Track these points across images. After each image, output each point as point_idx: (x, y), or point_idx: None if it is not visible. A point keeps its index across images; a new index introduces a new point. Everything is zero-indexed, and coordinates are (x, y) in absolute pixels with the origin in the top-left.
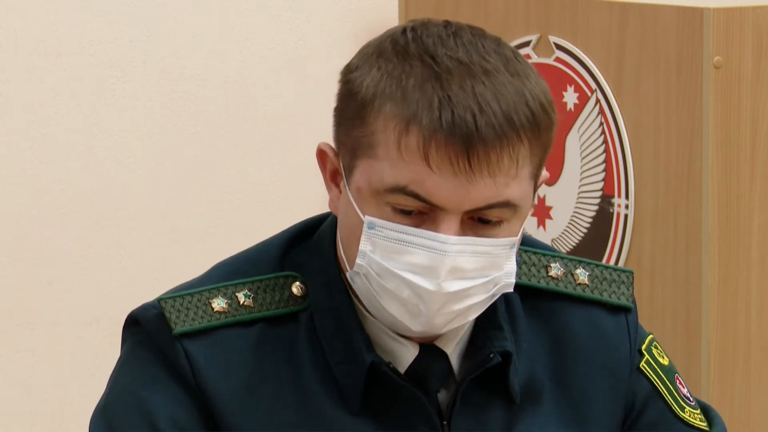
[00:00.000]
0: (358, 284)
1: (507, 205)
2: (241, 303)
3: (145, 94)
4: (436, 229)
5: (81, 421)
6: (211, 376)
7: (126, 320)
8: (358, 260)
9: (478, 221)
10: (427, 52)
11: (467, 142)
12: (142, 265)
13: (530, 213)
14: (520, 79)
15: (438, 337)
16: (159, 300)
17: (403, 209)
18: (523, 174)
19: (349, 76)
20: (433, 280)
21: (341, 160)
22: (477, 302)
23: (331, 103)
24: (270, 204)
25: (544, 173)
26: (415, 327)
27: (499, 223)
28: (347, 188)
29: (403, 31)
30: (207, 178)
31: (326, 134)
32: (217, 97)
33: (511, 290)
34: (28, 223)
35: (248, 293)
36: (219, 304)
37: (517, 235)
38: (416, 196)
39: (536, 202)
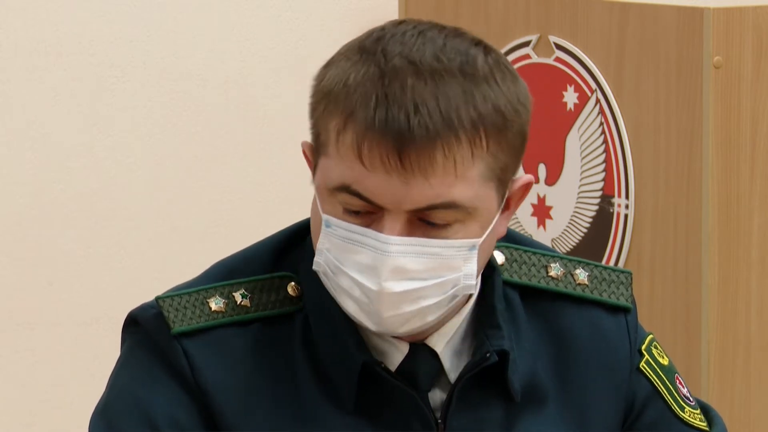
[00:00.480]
0: (323, 282)
1: (452, 206)
2: (239, 303)
3: (145, 94)
4: (380, 229)
5: (81, 421)
6: (209, 376)
7: (125, 320)
8: (316, 258)
9: (426, 221)
10: (383, 50)
11: (399, 141)
12: (142, 265)
13: (502, 216)
14: (475, 82)
15: (427, 335)
16: (157, 299)
17: (351, 208)
18: (470, 175)
19: (318, 74)
20: (375, 279)
21: (313, 157)
22: (432, 304)
23: None
24: (270, 204)
25: (525, 177)
26: (372, 326)
27: (448, 224)
28: (313, 185)
29: (375, 29)
30: (207, 178)
31: None
32: (217, 97)
33: (472, 292)
34: (28, 223)
35: (245, 293)
36: (216, 303)
37: (479, 237)
38: (359, 195)
39: (510, 205)
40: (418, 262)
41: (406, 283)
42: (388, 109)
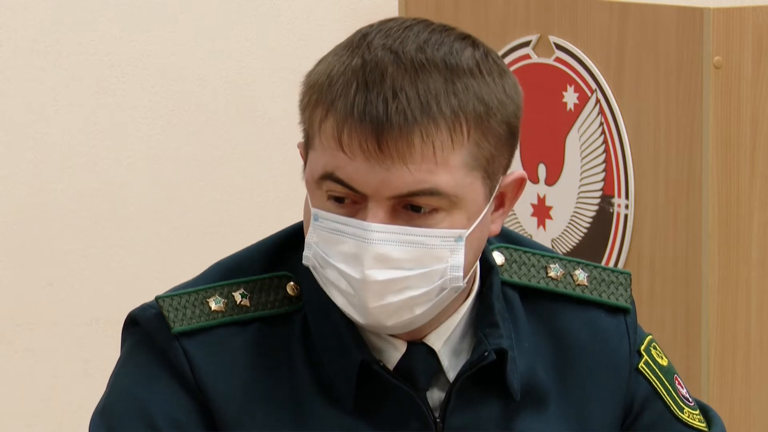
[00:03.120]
0: (315, 277)
1: (434, 193)
2: (238, 303)
3: (145, 94)
4: (363, 217)
5: (81, 421)
6: (209, 375)
7: (125, 320)
8: (305, 252)
9: (410, 210)
10: (369, 44)
11: (376, 127)
12: (142, 265)
13: (495, 213)
14: (457, 74)
15: (425, 334)
16: (157, 299)
17: (336, 196)
18: (452, 163)
19: (307, 72)
20: (358, 268)
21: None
22: (418, 294)
23: None
24: (270, 204)
25: (517, 173)
26: (360, 319)
27: (432, 212)
28: (305, 182)
29: (370, 26)
30: (207, 178)
31: None
32: (217, 97)
33: (461, 284)
34: (28, 223)
35: (244, 293)
36: (216, 303)
37: (465, 229)
38: (341, 183)
39: (491, 198)
40: (401, 250)
41: (390, 272)
42: (367, 96)
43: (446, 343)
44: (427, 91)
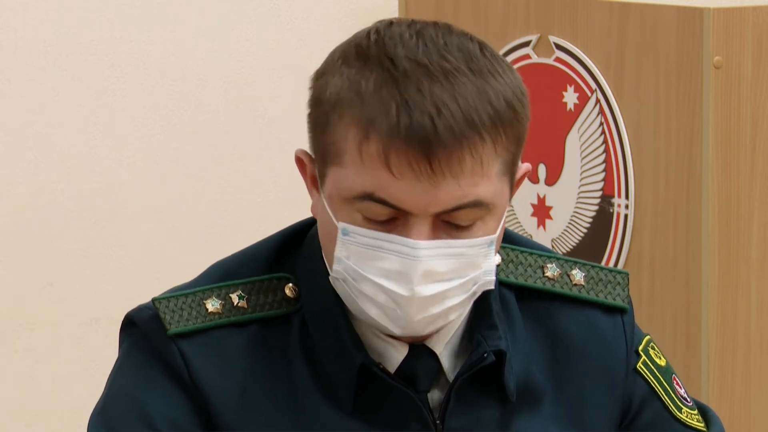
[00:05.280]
0: (338, 288)
1: (477, 204)
2: (235, 304)
3: (145, 94)
4: (407, 234)
5: (81, 421)
6: (206, 376)
7: (122, 322)
8: (334, 266)
9: (450, 223)
10: (387, 54)
11: (426, 146)
12: (142, 265)
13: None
14: (483, 77)
15: (427, 336)
16: (153, 301)
17: (374, 217)
18: (492, 172)
19: (315, 83)
20: (406, 285)
21: (316, 166)
22: (456, 303)
23: None
24: (270, 204)
25: (524, 166)
26: (396, 330)
27: (472, 223)
28: (322, 194)
29: (368, 33)
30: (207, 178)
31: None
32: (217, 97)
33: (492, 288)
34: (28, 223)
35: (242, 294)
36: (213, 305)
37: (495, 233)
38: (384, 202)
39: (511, 197)
40: (444, 263)
41: (435, 286)
42: (411, 115)
43: (447, 344)
44: (466, 104)
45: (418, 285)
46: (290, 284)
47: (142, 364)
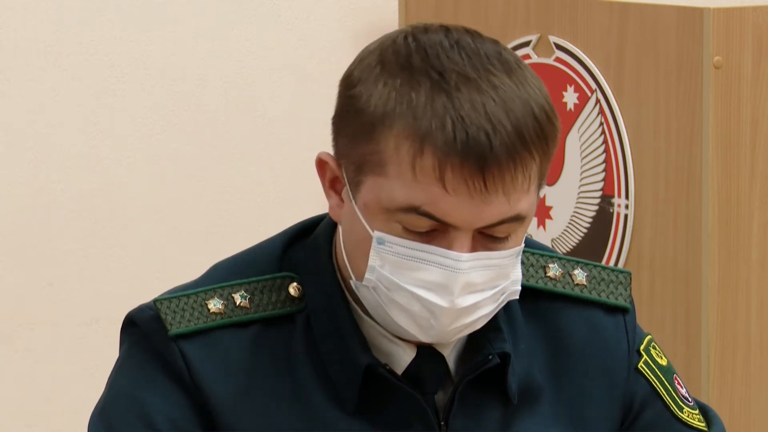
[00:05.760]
0: (364, 294)
1: (518, 219)
2: (238, 304)
3: (145, 94)
4: (448, 246)
5: (81, 421)
6: (207, 377)
7: (123, 321)
8: (367, 275)
9: (486, 235)
10: (433, 67)
11: (482, 163)
12: (142, 265)
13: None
14: (524, 88)
15: None
16: (155, 301)
17: (416, 229)
18: (533, 187)
19: (352, 90)
20: (446, 297)
21: (344, 171)
22: (487, 312)
23: (331, 103)
24: (270, 204)
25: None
26: (426, 339)
27: (508, 235)
28: (353, 202)
29: (404, 38)
30: (207, 178)
31: (325, 134)
32: (217, 97)
33: (518, 297)
34: (28, 223)
35: (244, 294)
36: (215, 305)
37: (521, 244)
38: (430, 216)
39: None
40: (482, 274)
41: (472, 297)
42: (467, 131)
43: (454, 347)
44: (516, 119)
45: (459, 297)
46: (295, 283)
47: (143, 365)
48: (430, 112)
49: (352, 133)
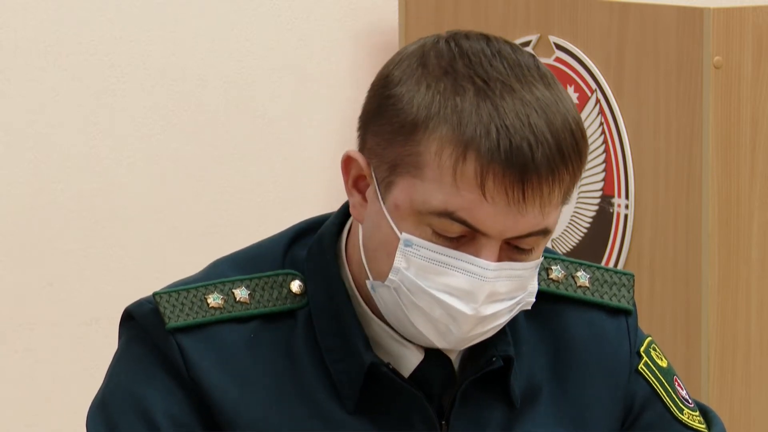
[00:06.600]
0: (382, 295)
1: (545, 232)
2: (238, 299)
3: (145, 94)
4: (476, 254)
5: (81, 421)
6: (204, 371)
7: (122, 315)
8: (391, 275)
9: (513, 246)
10: (478, 74)
11: (523, 173)
12: (142, 265)
13: None
14: (563, 103)
15: None
16: (154, 295)
17: (446, 234)
18: (561, 201)
19: (391, 90)
20: (471, 304)
21: (374, 171)
22: (502, 321)
23: (331, 103)
24: (270, 204)
25: None
26: (442, 344)
27: (532, 247)
28: (381, 201)
29: (446, 42)
30: (207, 178)
31: (326, 134)
32: (217, 97)
33: (530, 308)
34: (28, 223)
35: (245, 290)
36: (215, 299)
37: (541, 257)
38: (463, 222)
39: None
40: (506, 284)
41: (494, 306)
42: (511, 140)
43: (460, 351)
44: (557, 132)
45: (483, 305)
46: (297, 281)
47: (141, 359)
48: (475, 119)
49: (389, 132)
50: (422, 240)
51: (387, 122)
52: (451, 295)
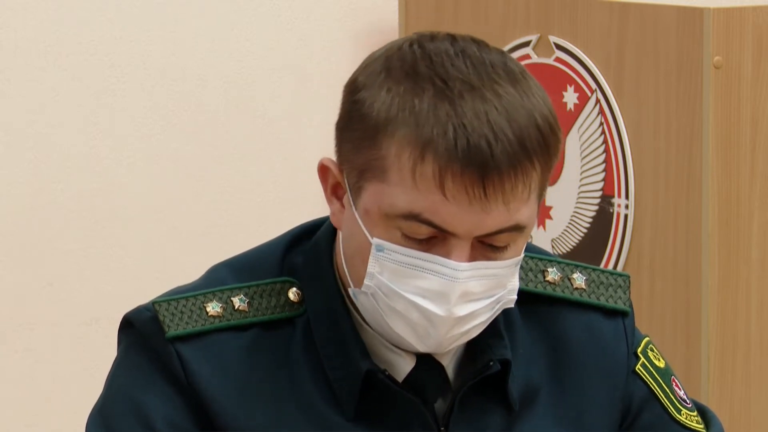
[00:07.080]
0: (362, 302)
1: (517, 228)
2: (236, 307)
3: (145, 94)
4: (447, 255)
5: (81, 421)
6: (204, 379)
7: (121, 322)
8: (366, 281)
9: (486, 244)
10: (438, 74)
11: (483, 171)
12: (142, 265)
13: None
14: (528, 98)
15: None
16: (153, 303)
17: (415, 236)
18: (533, 197)
19: (356, 95)
20: (443, 305)
21: (346, 177)
22: (482, 321)
23: (331, 103)
24: (270, 204)
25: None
26: (422, 348)
27: (507, 244)
28: (353, 207)
29: (410, 46)
30: (207, 178)
31: (326, 134)
32: (217, 97)
33: (512, 306)
34: (28, 223)
35: (243, 298)
36: (213, 308)
37: (521, 254)
38: (429, 224)
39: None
40: (480, 284)
41: (469, 306)
42: (468, 138)
43: (453, 356)
44: (519, 128)
45: (455, 306)
46: (294, 288)
47: (140, 366)
48: (433, 119)
49: (356, 138)
50: (393, 244)
51: (353, 128)
52: (424, 298)
